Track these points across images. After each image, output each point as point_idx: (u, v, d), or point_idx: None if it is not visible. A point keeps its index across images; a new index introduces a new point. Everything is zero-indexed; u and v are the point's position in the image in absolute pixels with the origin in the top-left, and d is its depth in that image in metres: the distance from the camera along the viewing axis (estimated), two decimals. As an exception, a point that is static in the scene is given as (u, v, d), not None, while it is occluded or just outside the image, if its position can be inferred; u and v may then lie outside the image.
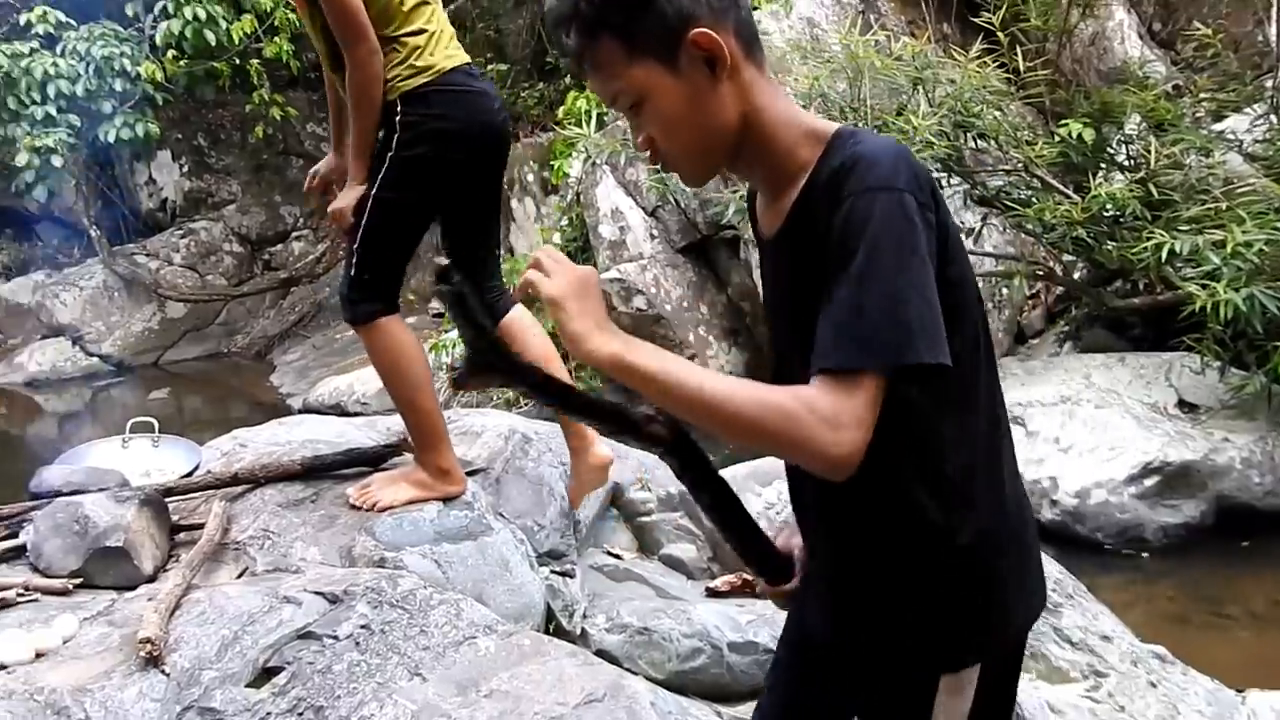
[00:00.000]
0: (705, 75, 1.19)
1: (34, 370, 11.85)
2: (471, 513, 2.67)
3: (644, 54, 1.19)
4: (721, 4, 1.20)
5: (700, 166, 1.31)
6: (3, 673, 1.98)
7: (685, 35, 1.17)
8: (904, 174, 1.13)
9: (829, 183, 1.15)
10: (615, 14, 1.19)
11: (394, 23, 2.57)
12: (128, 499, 2.53)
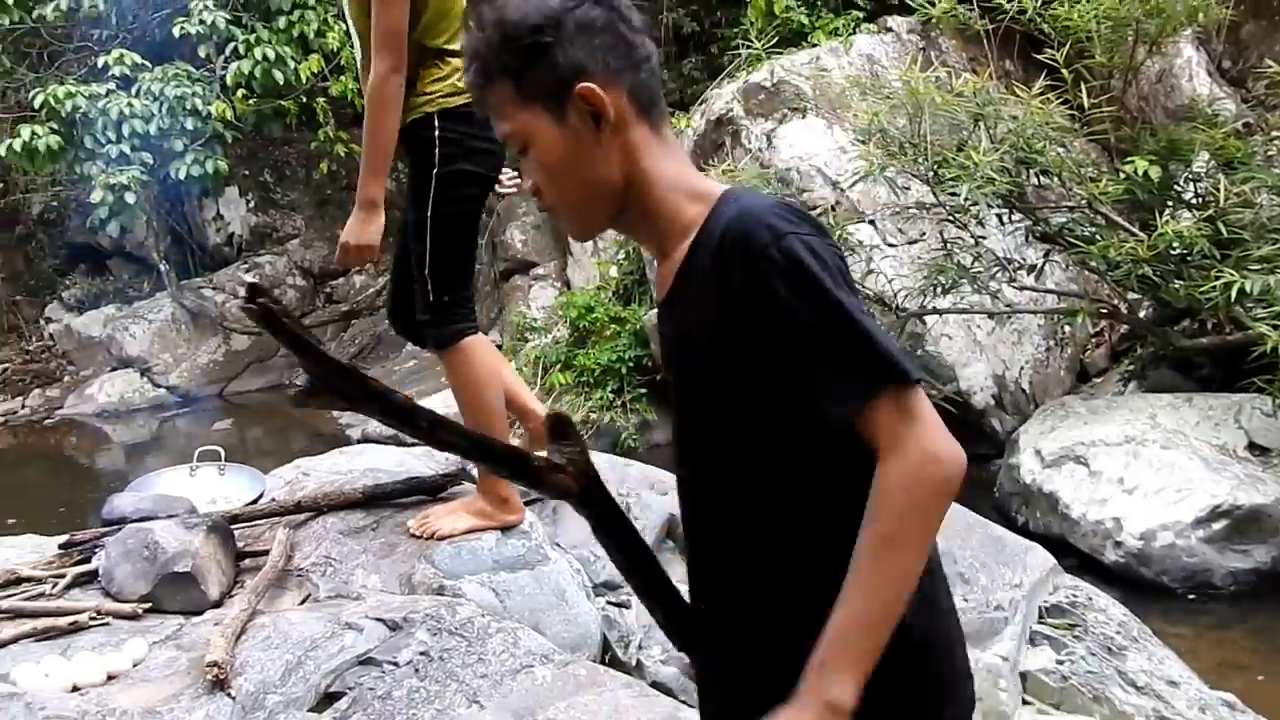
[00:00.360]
0: (590, 130, 1.18)
1: (103, 401, 12.16)
2: (529, 542, 2.69)
3: (533, 100, 1.20)
4: (619, 63, 1.20)
5: (581, 219, 1.29)
6: (77, 694, 2.03)
7: (573, 87, 1.17)
8: (794, 217, 1.12)
9: (722, 244, 1.13)
10: (510, 58, 1.20)
11: (444, 35, 2.57)
12: (195, 525, 2.59)
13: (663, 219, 1.21)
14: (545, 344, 8.78)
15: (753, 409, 1.15)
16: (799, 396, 1.10)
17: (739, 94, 7.10)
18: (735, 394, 1.16)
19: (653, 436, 7.77)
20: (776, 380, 1.11)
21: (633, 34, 1.23)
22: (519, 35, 1.18)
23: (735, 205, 1.16)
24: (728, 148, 7.22)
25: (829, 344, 1.07)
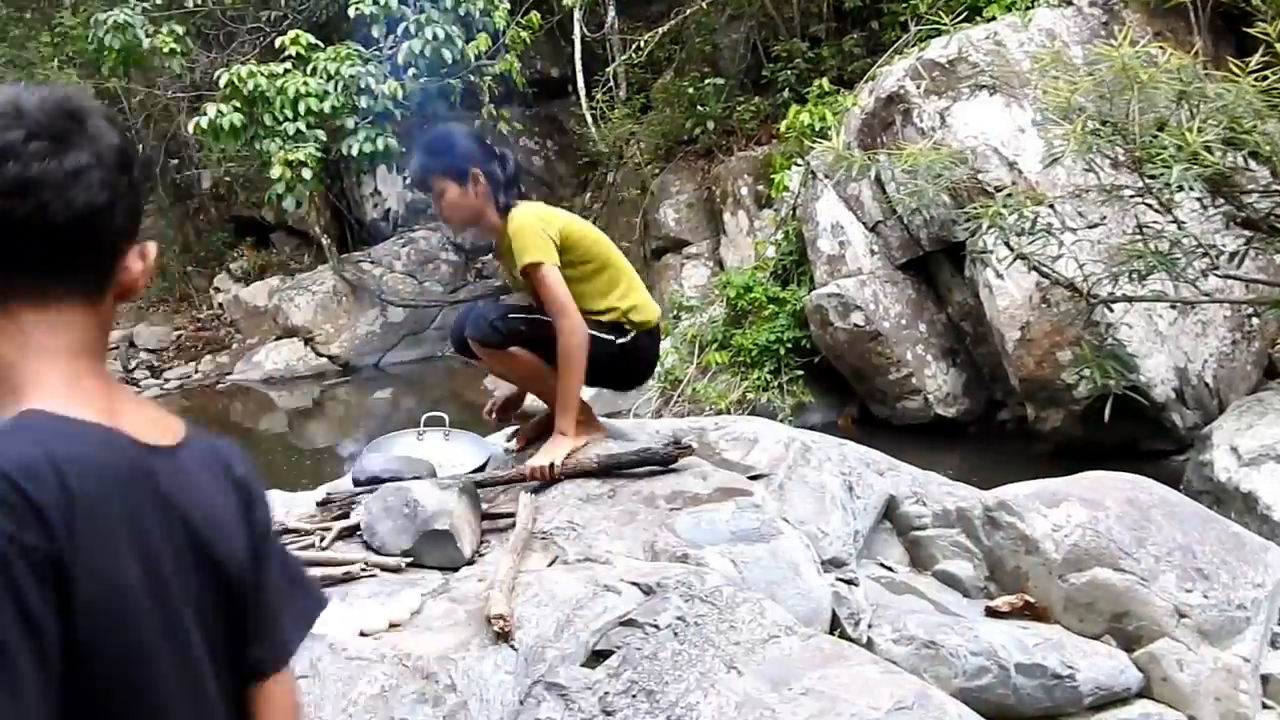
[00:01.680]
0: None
1: (269, 368, 12.73)
2: (763, 516, 2.74)
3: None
4: None
5: None
6: (369, 639, 2.17)
7: None
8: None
9: None
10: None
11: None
12: (449, 487, 2.72)
13: None
14: (700, 323, 8.82)
15: None
16: None
17: (911, 70, 6.99)
18: None
19: (809, 418, 7.75)
20: None
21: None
22: None
23: None
24: (897, 127, 7.12)
25: None
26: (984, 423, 7.34)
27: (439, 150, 3.12)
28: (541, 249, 2.95)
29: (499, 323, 3.01)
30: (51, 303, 1.00)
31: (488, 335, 3.00)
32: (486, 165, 3.07)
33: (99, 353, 1.06)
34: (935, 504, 3.25)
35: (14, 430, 0.92)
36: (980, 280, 6.54)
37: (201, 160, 14.40)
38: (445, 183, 3.06)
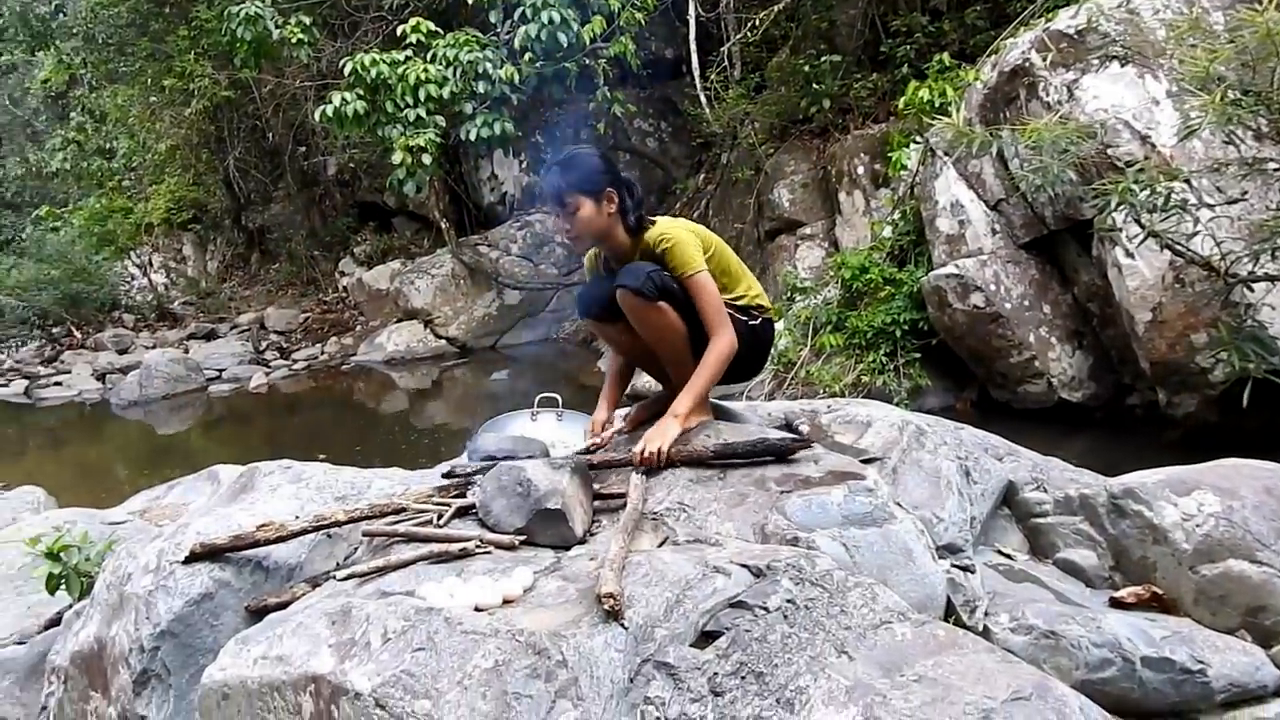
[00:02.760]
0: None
1: (391, 350, 13.11)
2: (875, 500, 2.69)
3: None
4: None
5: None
6: (484, 614, 2.21)
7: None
8: None
9: None
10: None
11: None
12: (561, 467, 2.75)
13: None
14: (815, 305, 8.72)
15: None
16: None
17: (1037, 42, 6.75)
18: None
19: (926, 402, 7.61)
20: None
21: None
22: None
23: None
24: (1022, 101, 6.90)
25: None
26: (1111, 408, 7.08)
27: (575, 168, 3.23)
28: (699, 260, 3.16)
29: (656, 275, 3.10)
30: None
31: (644, 285, 3.08)
32: (618, 186, 3.22)
33: None
34: (1057, 490, 3.15)
35: None
36: (1109, 259, 6.29)
37: (327, 148, 14.86)
38: (580, 200, 3.17)
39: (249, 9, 10.41)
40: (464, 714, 1.94)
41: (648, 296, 3.09)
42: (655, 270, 3.13)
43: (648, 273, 3.11)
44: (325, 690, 2.07)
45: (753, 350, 3.36)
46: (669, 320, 3.15)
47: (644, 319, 3.17)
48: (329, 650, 2.15)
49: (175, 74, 13.78)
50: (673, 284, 3.14)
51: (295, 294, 15.73)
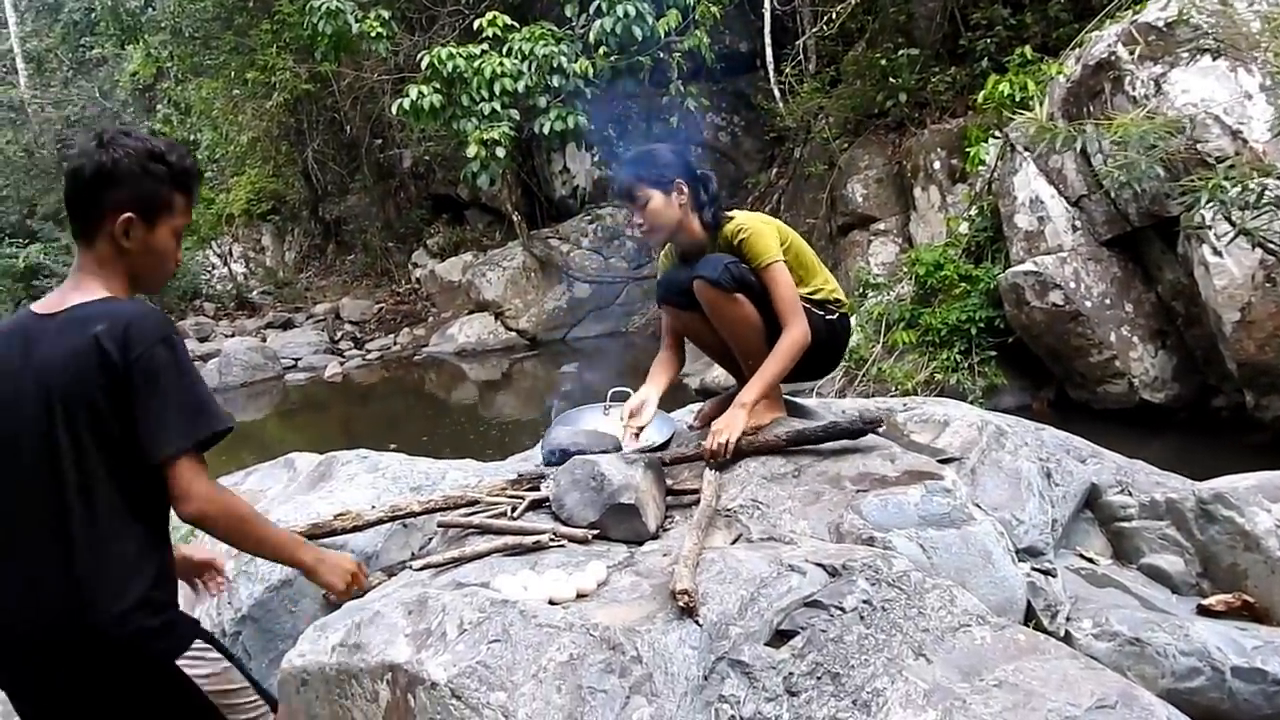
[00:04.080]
0: None
1: (462, 341, 13.24)
2: (954, 501, 2.65)
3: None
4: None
5: None
6: (558, 608, 2.22)
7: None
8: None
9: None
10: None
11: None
12: (634, 462, 2.75)
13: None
14: (888, 301, 8.60)
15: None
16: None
17: (1124, 35, 6.58)
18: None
19: (1001, 401, 7.46)
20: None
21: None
22: None
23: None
24: (1106, 95, 6.73)
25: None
26: (1194, 410, 6.89)
27: (645, 162, 3.26)
28: (776, 250, 3.15)
29: (733, 267, 3.11)
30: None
31: (721, 276, 3.08)
32: (690, 179, 3.22)
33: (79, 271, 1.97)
34: (1142, 494, 3.07)
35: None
36: (1195, 258, 6.12)
37: (403, 140, 15.05)
38: (650, 191, 3.19)
39: (330, 3, 10.57)
40: (539, 707, 1.95)
41: (724, 288, 3.09)
42: (733, 262, 3.12)
43: (725, 264, 3.10)
44: (402, 679, 2.10)
45: (827, 346, 3.32)
46: (745, 312, 3.13)
47: (720, 310, 3.16)
48: (405, 639, 2.18)
49: (257, 67, 14.06)
50: (750, 276, 3.13)
51: (370, 285, 15.98)
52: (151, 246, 1.99)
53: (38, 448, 1.85)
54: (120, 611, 1.83)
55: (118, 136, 1.97)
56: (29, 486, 1.86)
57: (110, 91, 22.95)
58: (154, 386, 1.83)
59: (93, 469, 1.84)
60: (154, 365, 1.83)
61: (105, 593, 1.83)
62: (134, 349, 1.82)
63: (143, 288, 2.05)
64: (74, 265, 1.99)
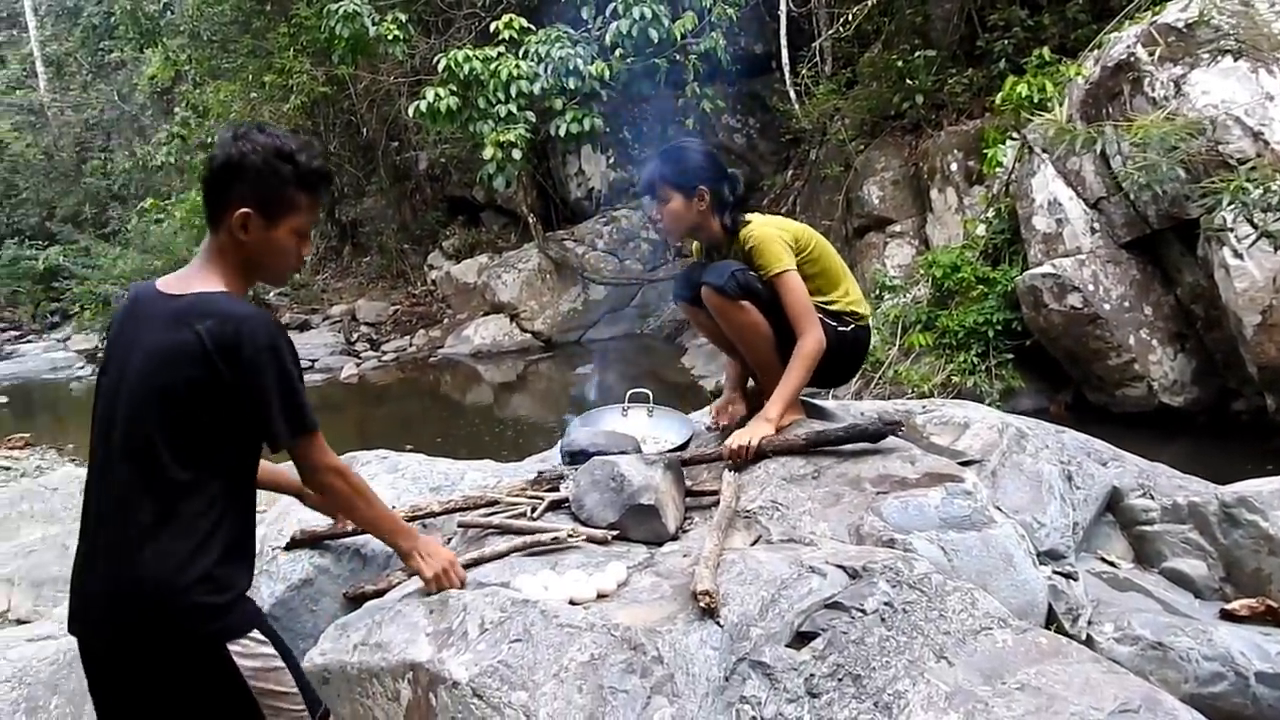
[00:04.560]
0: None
1: (478, 343, 13.25)
2: (975, 503, 2.64)
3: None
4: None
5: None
6: (579, 608, 2.22)
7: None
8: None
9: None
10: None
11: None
12: (654, 463, 2.75)
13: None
14: (904, 303, 8.58)
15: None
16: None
17: (1144, 36, 6.55)
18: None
19: (1018, 404, 7.43)
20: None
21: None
22: None
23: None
24: (1126, 97, 6.69)
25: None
26: (1214, 414, 6.84)
27: (674, 161, 3.25)
28: (785, 259, 3.13)
29: (740, 274, 3.11)
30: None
31: (727, 284, 3.09)
32: (715, 184, 3.22)
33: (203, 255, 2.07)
34: (1165, 498, 3.05)
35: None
36: (1216, 260, 6.08)
37: (419, 143, 15.08)
38: (671, 193, 3.21)
39: (347, 6, 10.61)
40: (560, 707, 1.95)
41: (730, 295, 3.09)
42: (740, 269, 3.12)
43: (732, 271, 3.11)
44: (423, 678, 2.10)
45: (841, 357, 3.31)
46: (753, 319, 3.13)
47: (727, 317, 3.16)
48: (427, 639, 2.19)
49: (275, 70, 14.12)
50: (757, 284, 3.12)
51: (385, 286, 16.01)
52: (270, 243, 2.05)
53: (130, 427, 1.95)
54: (182, 585, 1.90)
55: (251, 132, 2.03)
56: (119, 462, 1.95)
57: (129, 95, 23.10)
58: (263, 384, 1.94)
59: (176, 452, 1.92)
60: (262, 365, 1.94)
61: (169, 565, 1.90)
62: (244, 350, 1.92)
63: (262, 279, 2.14)
64: (203, 245, 2.08)
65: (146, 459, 1.93)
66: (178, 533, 1.91)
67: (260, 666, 1.96)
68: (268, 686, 1.96)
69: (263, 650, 1.97)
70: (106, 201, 22.62)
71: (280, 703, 1.98)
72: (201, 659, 1.93)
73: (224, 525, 1.96)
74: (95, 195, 22.87)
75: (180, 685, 1.94)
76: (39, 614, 4.21)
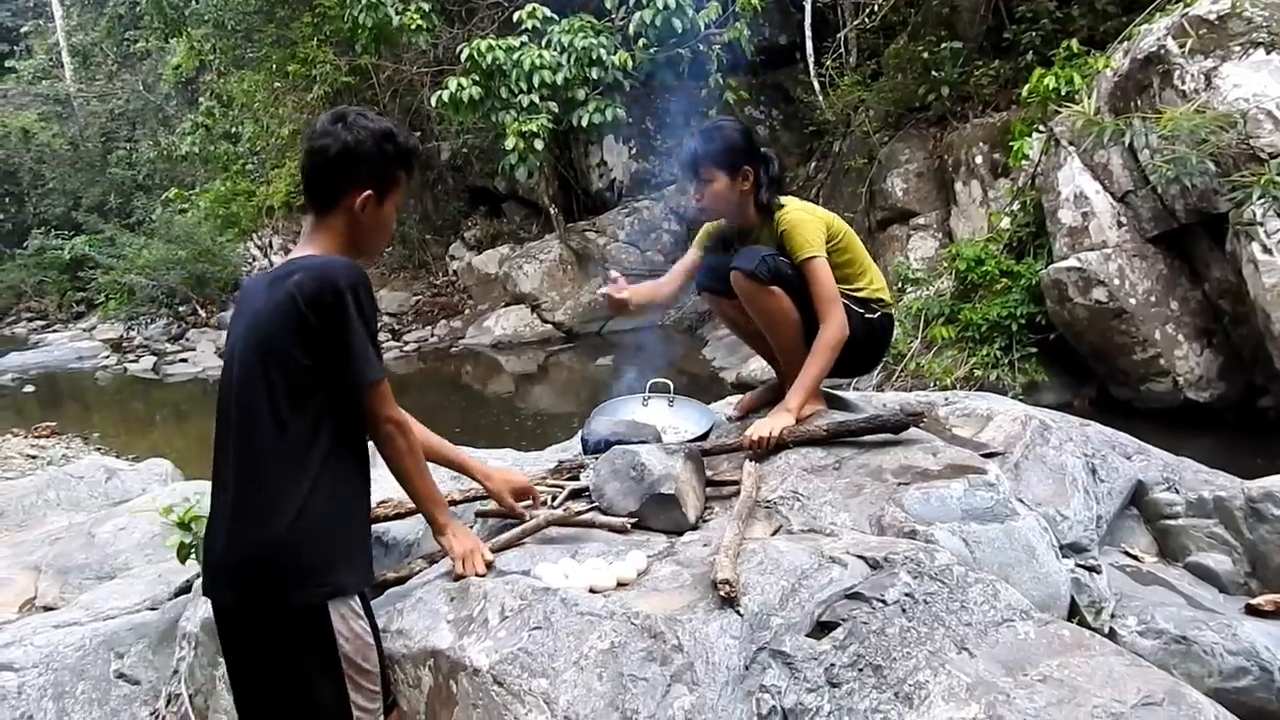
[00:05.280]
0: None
1: (498, 333, 13.28)
2: (997, 495, 2.62)
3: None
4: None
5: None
6: (600, 596, 2.22)
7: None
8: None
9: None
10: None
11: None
12: (675, 452, 2.75)
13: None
14: (927, 296, 8.53)
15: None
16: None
17: (1175, 28, 6.48)
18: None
19: (1042, 398, 7.37)
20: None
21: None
22: None
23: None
24: (1155, 89, 6.63)
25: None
26: (1240, 410, 6.78)
27: (716, 140, 3.20)
28: (818, 244, 3.11)
29: (770, 259, 3.09)
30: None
31: (758, 268, 3.07)
32: (756, 163, 3.18)
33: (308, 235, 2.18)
34: (1190, 492, 3.03)
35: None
36: (1244, 255, 6.01)
37: (441, 133, 15.09)
38: (716, 173, 3.15)
39: (370, -4, 10.63)
40: (580, 694, 1.95)
41: (760, 280, 3.07)
42: (770, 254, 3.10)
43: (762, 256, 3.08)
44: (444, 665, 2.11)
45: (867, 345, 3.30)
46: (782, 305, 3.11)
47: (756, 302, 3.14)
48: (448, 626, 2.19)
49: (298, 60, 14.17)
50: (787, 269, 3.10)
51: (407, 277, 16.06)
52: (380, 220, 2.19)
53: (241, 392, 2.07)
54: (293, 542, 1.99)
55: (358, 118, 2.14)
56: (234, 428, 2.07)
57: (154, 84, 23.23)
58: (339, 328, 2.01)
59: (283, 409, 2.03)
60: (339, 308, 2.00)
61: (279, 525, 2.00)
62: (325, 295, 2.00)
63: (365, 255, 2.23)
64: (302, 233, 2.20)
65: (256, 420, 2.04)
66: (287, 493, 2.00)
67: (354, 634, 2.02)
68: (356, 659, 2.02)
69: (360, 623, 2.04)
70: (131, 191, 22.77)
71: (361, 679, 2.03)
72: (304, 615, 1.99)
73: (334, 485, 2.05)
74: (120, 185, 23.02)
75: (284, 644, 2.01)
76: (65, 601, 4.25)
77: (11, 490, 5.90)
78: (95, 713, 3.27)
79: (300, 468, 2.02)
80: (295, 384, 2.02)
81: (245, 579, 2.04)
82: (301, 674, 2.01)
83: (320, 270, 2.03)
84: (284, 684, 2.03)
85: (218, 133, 15.74)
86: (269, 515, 2.00)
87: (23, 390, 14.08)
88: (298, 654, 2.00)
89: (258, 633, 2.04)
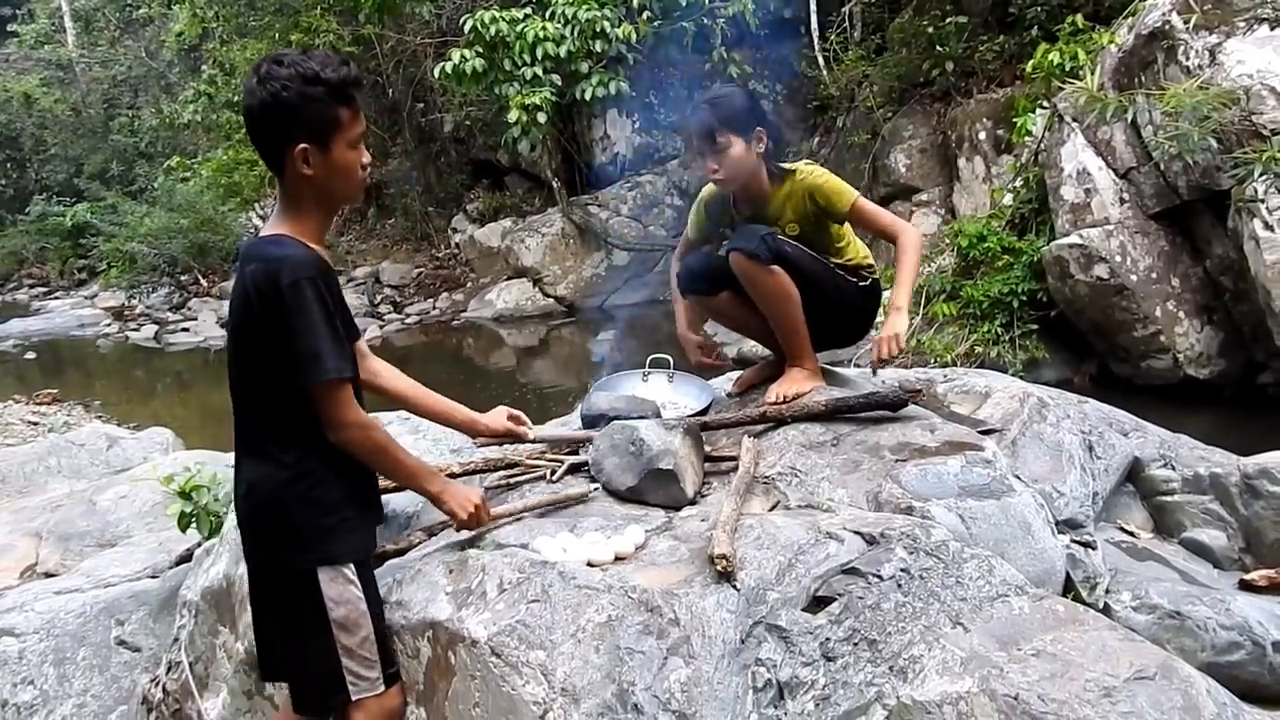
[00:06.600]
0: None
1: (500, 307, 13.28)
2: (994, 471, 2.64)
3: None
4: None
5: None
6: (597, 570, 2.24)
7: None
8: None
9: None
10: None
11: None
12: (674, 428, 2.76)
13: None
14: (929, 272, 8.53)
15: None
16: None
17: (1179, 4, 6.44)
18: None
19: (1042, 375, 7.39)
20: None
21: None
22: None
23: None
24: (1159, 65, 6.60)
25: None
26: (1240, 386, 6.80)
27: (727, 105, 3.13)
28: (850, 188, 3.15)
29: (769, 238, 3.06)
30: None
31: (758, 248, 3.03)
32: (767, 126, 3.14)
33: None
34: (1186, 468, 3.04)
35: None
36: (1245, 232, 6.01)
37: (444, 105, 15.03)
38: (733, 139, 3.07)
39: (373, -35, 10.56)
40: (577, 666, 1.97)
41: (762, 259, 3.04)
42: (769, 233, 3.08)
43: (762, 235, 3.06)
44: (443, 636, 2.13)
45: (861, 312, 3.32)
46: (783, 284, 3.09)
47: (757, 282, 3.12)
48: (446, 598, 2.21)
49: (301, 29, 14.08)
50: (785, 248, 3.09)
51: (409, 249, 16.04)
52: (333, 166, 2.08)
53: (229, 368, 2.15)
54: (282, 512, 2.09)
55: (271, 69, 2.02)
56: (233, 400, 2.16)
57: (156, 51, 23.11)
58: (283, 327, 1.99)
59: (259, 387, 2.10)
60: (282, 307, 1.98)
61: (273, 493, 2.09)
62: (269, 290, 1.98)
63: (340, 203, 2.23)
64: (277, 192, 2.18)
65: (244, 395, 2.13)
66: (280, 463, 2.09)
67: (342, 598, 2.09)
68: (346, 624, 2.08)
69: (351, 589, 2.10)
70: (133, 159, 22.71)
71: (354, 645, 2.10)
72: (295, 579, 2.08)
73: (324, 455, 2.10)
74: (122, 152, 22.95)
75: (283, 600, 2.12)
76: (66, 568, 4.28)
77: (13, 457, 5.94)
78: (96, 679, 3.30)
79: (288, 440, 2.08)
80: (260, 370, 2.08)
81: (248, 545, 2.19)
82: (297, 630, 2.10)
83: (270, 263, 2.00)
84: (285, 638, 2.15)
85: (220, 101, 15.66)
86: (262, 485, 2.10)
87: (24, 357, 14.11)
88: (296, 614, 2.10)
89: (263, 591, 2.18)
